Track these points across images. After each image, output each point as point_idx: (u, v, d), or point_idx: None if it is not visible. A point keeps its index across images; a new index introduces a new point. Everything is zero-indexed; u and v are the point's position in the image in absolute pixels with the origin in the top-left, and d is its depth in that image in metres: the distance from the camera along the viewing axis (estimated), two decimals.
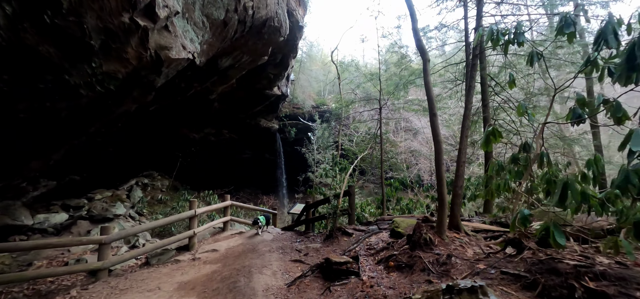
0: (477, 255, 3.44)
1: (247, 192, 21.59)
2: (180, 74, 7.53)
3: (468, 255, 3.46)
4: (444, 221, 3.82)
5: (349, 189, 7.69)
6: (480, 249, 3.68)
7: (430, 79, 4.02)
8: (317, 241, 6.95)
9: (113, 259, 6.31)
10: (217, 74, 9.98)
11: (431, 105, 3.93)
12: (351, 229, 6.84)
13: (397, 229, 4.78)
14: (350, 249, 4.94)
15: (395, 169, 12.46)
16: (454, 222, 4.19)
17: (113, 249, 8.86)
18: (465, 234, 4.18)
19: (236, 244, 7.41)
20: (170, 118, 14.51)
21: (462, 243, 3.78)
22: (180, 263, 6.71)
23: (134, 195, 17.04)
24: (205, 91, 12.19)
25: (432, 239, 3.65)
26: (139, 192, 17.70)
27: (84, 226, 10.20)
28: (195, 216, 7.43)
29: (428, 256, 3.42)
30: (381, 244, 4.59)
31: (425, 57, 4.17)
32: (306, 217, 8.61)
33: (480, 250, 3.61)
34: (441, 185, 3.84)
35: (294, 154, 21.78)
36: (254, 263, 5.58)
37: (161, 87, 7.74)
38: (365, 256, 4.29)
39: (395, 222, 4.94)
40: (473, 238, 4.10)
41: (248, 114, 18.98)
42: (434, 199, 9.70)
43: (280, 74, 15.18)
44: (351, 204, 7.57)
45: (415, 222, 5.09)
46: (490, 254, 3.27)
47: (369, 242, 4.90)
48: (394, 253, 3.89)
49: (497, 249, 3.62)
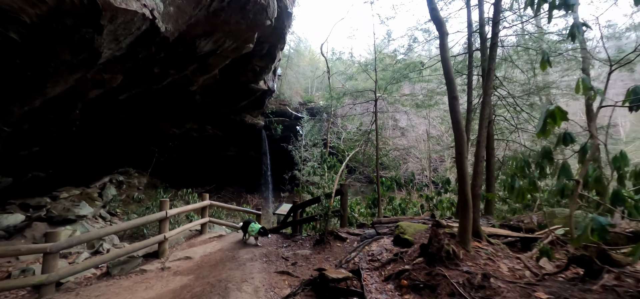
0: (516, 273, 2.66)
1: (230, 191, 20.38)
2: (146, 47, 6.10)
3: (504, 273, 2.67)
4: (469, 228, 3.02)
5: (341, 188, 6.84)
6: (512, 263, 2.90)
7: (448, 55, 3.24)
8: (306, 246, 6.05)
9: (62, 271, 5.17)
10: (197, 60, 8.88)
11: (451, 86, 3.14)
12: (344, 233, 6.00)
13: (403, 235, 3.95)
14: (348, 259, 4.08)
15: (386, 167, 11.73)
16: (474, 228, 3.42)
17: (71, 256, 7.61)
18: (488, 242, 3.40)
19: (214, 250, 6.39)
20: (146, 110, 13.19)
21: (489, 255, 2.99)
22: (145, 274, 5.64)
23: (107, 193, 15.51)
24: (185, 81, 11.03)
25: (455, 251, 2.84)
26: (113, 190, 16.17)
27: (41, 228, 8.83)
28: (166, 219, 6.35)
29: (454, 274, 2.60)
30: (386, 255, 3.75)
31: (442, 30, 3.39)
32: (293, 219, 7.69)
33: (514, 265, 2.84)
34: (464, 183, 3.04)
35: (280, 151, 20.76)
36: (233, 275, 4.61)
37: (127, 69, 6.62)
38: (368, 270, 3.43)
39: (400, 228, 4.12)
40: (498, 247, 3.33)
41: (232, 109, 17.81)
42: (429, 199, 9.01)
43: (266, 67, 14.15)
44: (343, 205, 6.72)
45: (424, 227, 4.29)
46: (545, 275, 2.49)
47: (370, 251, 4.05)
48: (406, 268, 3.05)
49: (534, 265, 2.85)
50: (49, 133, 9.60)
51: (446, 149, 9.44)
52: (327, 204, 6.25)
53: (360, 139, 10.57)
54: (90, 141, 13.09)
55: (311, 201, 7.40)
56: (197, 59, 8.80)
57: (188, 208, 7.26)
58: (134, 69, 7.05)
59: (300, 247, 6.05)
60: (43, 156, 11.79)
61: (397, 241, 4.07)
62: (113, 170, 17.28)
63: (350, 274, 3.43)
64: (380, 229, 5.29)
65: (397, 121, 16.21)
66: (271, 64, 14.32)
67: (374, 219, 6.15)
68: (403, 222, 4.35)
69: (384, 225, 5.65)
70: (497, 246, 3.33)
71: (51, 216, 9.20)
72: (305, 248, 5.88)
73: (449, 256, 2.82)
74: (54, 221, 9.12)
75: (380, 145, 9.43)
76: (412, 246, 3.70)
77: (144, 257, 6.44)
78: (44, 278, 4.89)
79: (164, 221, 6.37)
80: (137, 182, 18.27)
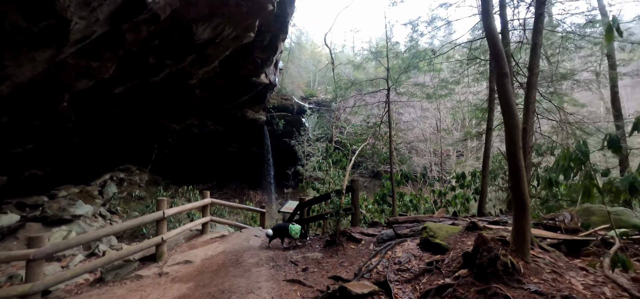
0: (593, 291, 2.06)
1: (232, 188, 19.80)
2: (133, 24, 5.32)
3: (579, 291, 2.07)
4: (527, 234, 2.42)
5: (351, 184, 6.24)
6: (582, 277, 2.31)
7: (494, 24, 2.61)
8: (316, 248, 5.47)
9: (48, 280, 4.58)
10: (195, 49, 8.22)
11: (500, 61, 2.50)
12: (358, 233, 5.40)
13: (434, 239, 3.35)
14: (369, 267, 3.48)
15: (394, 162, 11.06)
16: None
17: (65, 258, 7.05)
18: (540, 249, 2.80)
19: (216, 252, 5.81)
20: (145, 106, 12.56)
21: (552, 267, 2.39)
22: (141, 281, 5.07)
23: (108, 191, 14.96)
24: (184, 74, 10.38)
25: (514, 263, 2.24)
26: (114, 188, 15.61)
27: (35, 229, 8.26)
28: (163, 219, 5.77)
29: (520, 295, 2.00)
30: (416, 263, 3.15)
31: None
32: (300, 218, 7.10)
33: (586, 280, 2.24)
34: (520, 179, 2.43)
35: (282, 147, 20.15)
36: (237, 284, 4.03)
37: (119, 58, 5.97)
38: (398, 284, 2.84)
39: (428, 230, 3.51)
40: (554, 255, 2.73)
41: (233, 104, 17.16)
42: (441, 194, 8.41)
43: (268, 59, 13.48)
44: (355, 202, 6.12)
45: (456, 229, 3.68)
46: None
47: (395, 257, 3.45)
48: (448, 283, 2.45)
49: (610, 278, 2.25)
50: (41, 129, 8.99)
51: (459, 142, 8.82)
52: (337, 201, 5.64)
53: (366, 133, 9.93)
54: (88, 138, 12.47)
55: (319, 198, 6.80)
56: (195, 49, 8.15)
57: (187, 207, 6.67)
58: (127, 58, 6.41)
59: (310, 249, 5.46)
60: (39, 154, 11.19)
61: (425, 246, 3.47)
62: (114, 167, 16.69)
63: (376, 288, 2.84)
64: (399, 230, 4.69)
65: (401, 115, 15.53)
66: (273, 56, 13.65)
67: (389, 217, 5.55)
68: (430, 223, 3.74)
69: (403, 225, 5.05)
70: (553, 254, 2.73)
71: (46, 216, 8.64)
72: (315, 250, 5.29)
73: (506, 270, 2.21)
74: (48, 221, 8.56)
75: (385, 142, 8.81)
76: (446, 253, 3.10)
77: (140, 260, 5.87)
78: (28, 287, 4.31)
79: (162, 221, 5.78)
80: (139, 179, 17.69)
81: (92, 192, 14.17)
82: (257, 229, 7.33)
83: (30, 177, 12.79)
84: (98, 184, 15.32)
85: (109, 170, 16.41)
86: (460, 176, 7.98)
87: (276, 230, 5.75)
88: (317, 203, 7.18)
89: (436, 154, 11.72)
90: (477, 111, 8.57)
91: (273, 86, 17.77)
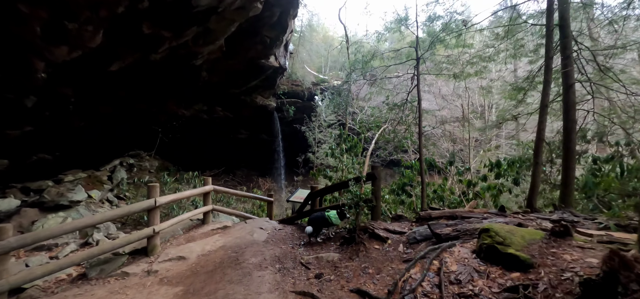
0: None
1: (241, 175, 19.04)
2: None
3: None
4: None
5: (373, 171, 5.18)
6: None
7: None
8: (331, 246, 4.48)
9: (15, 279, 3.75)
10: (195, 20, 7.22)
11: None
12: (382, 230, 4.37)
13: (505, 248, 2.28)
14: (412, 286, 2.45)
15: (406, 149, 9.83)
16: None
17: (56, 248, 6.32)
18: None
19: (214, 247, 4.90)
20: (149, 88, 11.72)
21: None
22: (126, 280, 4.21)
23: (117, 176, 14.39)
24: (187, 52, 9.42)
25: None
26: (123, 173, 15.02)
27: (30, 215, 7.61)
28: (155, 208, 4.87)
29: None
30: (484, 284, 2.11)
31: None
32: (311, 208, 6.11)
33: None
34: None
35: (292, 133, 19.18)
36: (233, 293, 3.09)
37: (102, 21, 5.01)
38: None
39: (493, 233, 2.43)
40: None
41: (242, 89, 16.19)
42: (471, 184, 7.25)
43: (277, 39, 12.36)
44: (376, 193, 5.08)
45: (538, 235, 2.58)
46: None
47: (448, 271, 2.41)
48: None
49: None
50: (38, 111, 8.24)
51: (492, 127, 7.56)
52: (357, 191, 4.61)
53: (383, 117, 8.78)
54: (93, 122, 11.77)
55: (334, 186, 5.80)
56: (195, 19, 7.14)
57: (184, 195, 5.76)
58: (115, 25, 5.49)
59: (324, 247, 4.48)
60: (42, 138, 10.55)
61: (489, 256, 2.40)
62: (124, 153, 16.15)
63: None
64: (437, 228, 3.63)
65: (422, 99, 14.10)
66: (282, 36, 12.52)
67: (420, 211, 4.48)
68: (496, 225, 2.65)
69: (439, 222, 3.98)
70: None
71: (43, 201, 7.97)
72: (331, 249, 4.31)
73: None
74: (45, 207, 7.89)
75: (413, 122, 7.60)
76: (530, 271, 2.03)
77: (131, 254, 5.03)
78: None
79: (153, 211, 4.89)
80: (149, 165, 17.14)
81: (100, 178, 13.61)
82: (264, 220, 6.40)
83: (38, 162, 12.24)
84: (108, 170, 14.79)
85: (119, 155, 15.86)
86: (495, 165, 6.79)
87: (314, 222, 4.73)
88: (331, 193, 6.20)
89: (461, 141, 10.41)
90: (515, 91, 7.29)
91: (283, 69, 16.68)
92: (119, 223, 9.56)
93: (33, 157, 11.83)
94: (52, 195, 8.27)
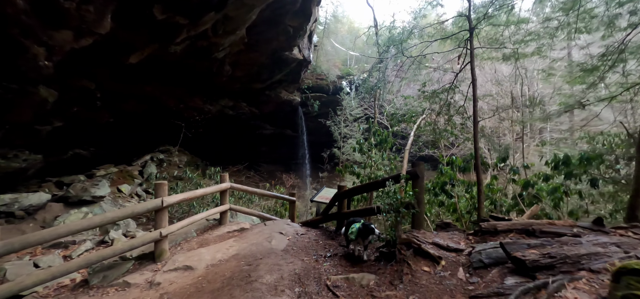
0: None
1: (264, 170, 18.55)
2: None
3: None
4: None
5: (414, 168, 4.14)
6: None
7: None
8: (364, 263, 3.52)
9: (11, 286, 3.24)
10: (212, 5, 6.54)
11: None
12: (430, 244, 3.33)
13: None
14: None
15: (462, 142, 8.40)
16: None
17: (73, 246, 5.98)
18: None
19: (227, 255, 4.16)
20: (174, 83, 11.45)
21: None
22: (127, 291, 3.59)
23: (148, 171, 14.46)
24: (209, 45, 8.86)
25: None
26: (153, 168, 15.09)
27: (55, 210, 7.46)
28: (162, 209, 4.22)
29: None
30: None
31: None
32: (339, 211, 5.18)
33: None
34: None
35: (317, 128, 18.35)
36: None
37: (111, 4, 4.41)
38: None
39: None
40: None
41: (267, 83, 15.62)
42: (528, 185, 5.89)
43: (301, 28, 11.52)
44: (419, 196, 4.02)
45: None
46: None
47: None
48: None
49: None
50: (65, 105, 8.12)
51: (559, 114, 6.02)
52: (396, 194, 3.61)
53: (418, 109, 7.57)
54: (122, 118, 11.75)
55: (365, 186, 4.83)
56: (210, 4, 6.46)
57: (197, 193, 5.08)
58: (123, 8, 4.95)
59: (355, 262, 3.54)
60: (74, 133, 10.64)
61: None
62: (154, 148, 16.33)
63: None
64: (516, 250, 2.54)
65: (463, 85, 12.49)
66: (306, 25, 11.64)
67: (481, 222, 3.38)
68: None
69: (514, 239, 2.88)
70: None
71: (67, 196, 7.81)
72: (364, 268, 3.35)
73: None
74: (69, 202, 7.72)
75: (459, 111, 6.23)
76: None
77: (138, 259, 4.45)
78: None
79: (161, 212, 4.24)
80: (178, 160, 17.21)
81: (132, 172, 13.69)
82: (285, 223, 5.58)
83: (74, 157, 12.51)
84: (139, 164, 14.94)
85: (150, 151, 16.04)
86: (562, 161, 5.39)
87: (363, 232, 3.56)
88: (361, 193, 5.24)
89: (503, 132, 8.80)
90: (585, 73, 5.81)
91: (307, 62, 15.85)
92: (145, 218, 9.31)
93: (69, 153, 12.09)
94: (77, 190, 8.12)
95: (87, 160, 13.15)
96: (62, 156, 11.74)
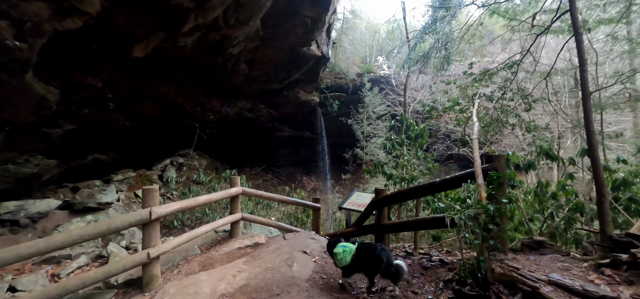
0: None
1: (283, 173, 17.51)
2: None
3: None
4: None
5: (492, 162, 2.80)
6: None
7: None
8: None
9: None
10: None
11: None
12: (547, 284, 1.96)
13: None
14: None
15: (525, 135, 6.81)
16: None
17: (68, 261, 5.10)
18: None
19: (233, 286, 2.99)
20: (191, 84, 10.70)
21: None
22: None
23: (167, 176, 13.85)
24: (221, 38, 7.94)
25: None
26: (173, 172, 14.47)
27: (57, 218, 6.72)
28: (150, 223, 3.14)
29: None
30: None
31: None
32: (377, 223, 3.88)
33: None
34: None
35: (337, 129, 17.13)
36: None
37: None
38: None
39: None
40: None
41: (284, 83, 14.65)
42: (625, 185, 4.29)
43: (319, 19, 10.42)
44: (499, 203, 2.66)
45: None
46: None
47: None
48: None
49: None
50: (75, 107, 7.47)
51: None
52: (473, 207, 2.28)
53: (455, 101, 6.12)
54: (138, 120, 11.14)
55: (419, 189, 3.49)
56: None
57: (199, 201, 3.95)
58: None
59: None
60: (90, 137, 10.10)
61: None
62: (174, 152, 15.80)
63: None
64: None
65: None
66: (324, 15, 10.52)
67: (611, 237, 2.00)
68: None
69: None
70: None
71: (72, 203, 7.07)
72: None
73: None
74: (74, 209, 6.96)
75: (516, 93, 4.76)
76: None
77: (123, 286, 3.39)
78: None
79: (150, 225, 3.17)
80: (198, 164, 16.60)
81: (151, 177, 13.09)
82: (308, 236, 4.34)
83: (93, 162, 12.07)
84: (159, 169, 14.39)
85: (170, 155, 15.50)
86: None
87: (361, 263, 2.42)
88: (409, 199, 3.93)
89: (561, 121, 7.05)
90: None
91: (326, 59, 14.70)
92: None
93: (89, 158, 11.64)
94: (82, 196, 7.38)
95: (107, 165, 12.68)
96: (82, 161, 11.29)
